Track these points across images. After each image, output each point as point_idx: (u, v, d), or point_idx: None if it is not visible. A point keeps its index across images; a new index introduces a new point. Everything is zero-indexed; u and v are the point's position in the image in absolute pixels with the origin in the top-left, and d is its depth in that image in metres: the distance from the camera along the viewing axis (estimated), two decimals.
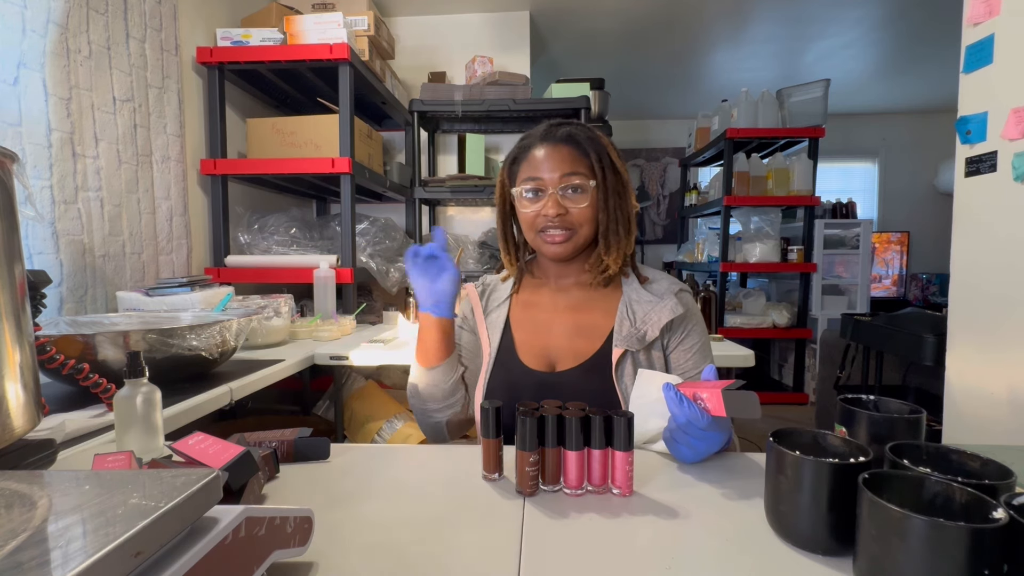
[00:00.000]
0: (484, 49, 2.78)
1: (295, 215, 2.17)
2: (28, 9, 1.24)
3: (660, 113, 4.95)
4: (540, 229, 0.86)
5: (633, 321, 0.85)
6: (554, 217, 0.83)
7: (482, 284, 0.99)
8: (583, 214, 0.85)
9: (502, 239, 0.96)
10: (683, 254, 4.12)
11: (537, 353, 0.88)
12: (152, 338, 0.94)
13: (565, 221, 0.84)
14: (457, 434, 0.98)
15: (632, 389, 0.79)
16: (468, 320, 0.99)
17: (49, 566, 0.27)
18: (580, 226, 0.85)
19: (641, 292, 0.88)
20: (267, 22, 1.99)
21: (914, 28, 3.16)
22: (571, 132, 0.86)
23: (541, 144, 0.86)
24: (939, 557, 0.38)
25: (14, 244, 0.55)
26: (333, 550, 0.51)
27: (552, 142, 0.86)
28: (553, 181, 0.84)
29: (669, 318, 0.84)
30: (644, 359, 0.85)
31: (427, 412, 0.93)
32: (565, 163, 0.84)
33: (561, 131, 0.86)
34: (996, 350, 1.28)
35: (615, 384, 0.82)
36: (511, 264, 0.96)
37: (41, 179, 1.28)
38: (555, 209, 0.83)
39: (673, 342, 0.87)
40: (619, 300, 0.88)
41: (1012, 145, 1.22)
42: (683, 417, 0.64)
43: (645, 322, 0.84)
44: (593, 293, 0.90)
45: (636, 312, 0.86)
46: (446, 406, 0.91)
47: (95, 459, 0.55)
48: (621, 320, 0.85)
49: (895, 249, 4.91)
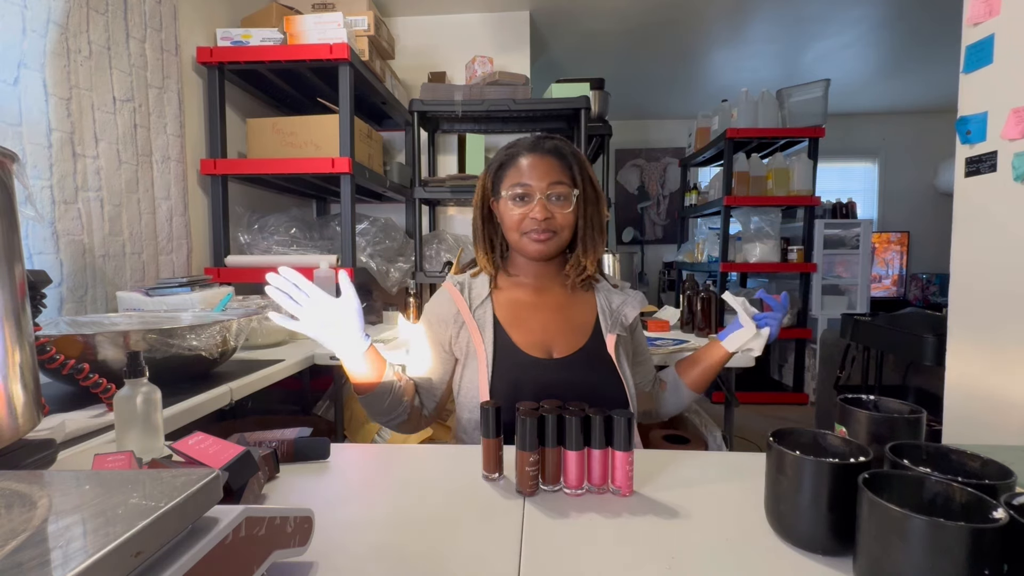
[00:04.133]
0: (484, 49, 2.78)
1: (295, 215, 2.17)
2: (28, 9, 1.24)
3: (660, 113, 4.95)
4: (525, 231, 0.94)
5: (611, 310, 0.98)
6: (541, 220, 0.92)
7: (457, 282, 0.99)
8: (566, 219, 0.94)
9: (481, 239, 1.01)
10: (683, 254, 4.12)
11: (535, 343, 0.93)
12: (152, 338, 0.94)
13: (550, 224, 0.93)
14: (419, 428, 0.98)
15: (627, 369, 0.95)
16: (449, 319, 0.96)
17: (49, 566, 0.27)
18: (562, 229, 0.94)
19: (610, 289, 1.03)
20: (267, 22, 1.99)
21: (914, 28, 3.16)
22: (557, 145, 0.96)
23: (529, 154, 0.95)
24: (939, 557, 0.38)
25: (14, 244, 0.55)
26: (333, 550, 0.51)
27: (540, 152, 0.95)
28: (541, 188, 0.92)
29: (641, 307, 1.00)
30: (624, 343, 0.99)
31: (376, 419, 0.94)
32: (552, 172, 0.93)
33: (548, 144, 0.96)
34: (996, 350, 1.28)
35: (616, 368, 0.92)
36: (488, 262, 1.00)
37: (41, 179, 1.28)
38: (543, 213, 0.92)
39: (636, 328, 1.08)
40: (595, 298, 1.01)
41: (1012, 145, 1.22)
42: (783, 310, 1.02)
43: (620, 311, 0.98)
44: (572, 293, 1.00)
45: (612, 303, 0.99)
46: (384, 419, 0.92)
47: (95, 459, 0.55)
48: (603, 311, 0.98)
49: (895, 249, 4.90)
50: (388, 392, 0.88)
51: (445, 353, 0.96)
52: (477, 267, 1.03)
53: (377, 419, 0.92)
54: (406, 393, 0.92)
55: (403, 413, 0.91)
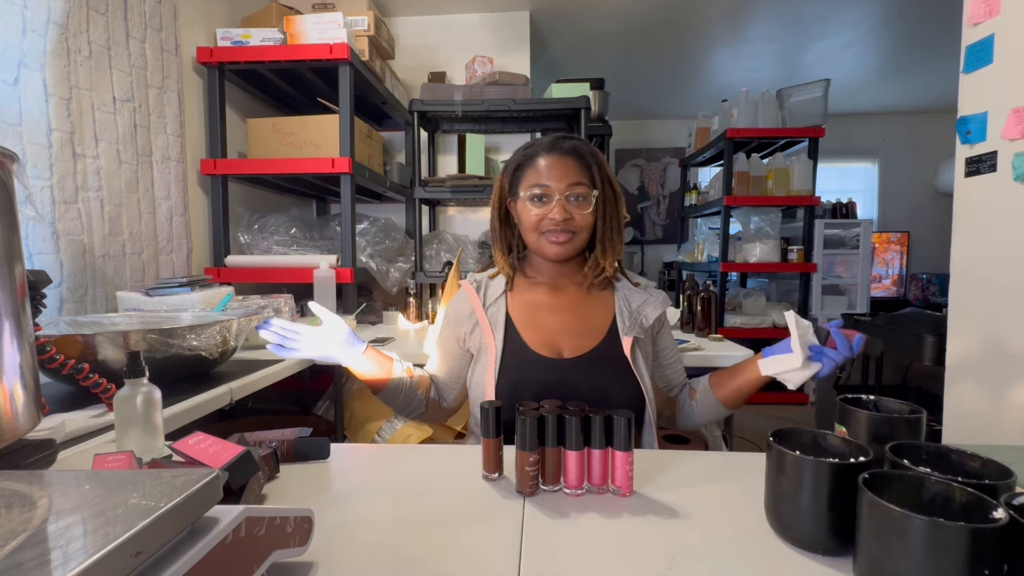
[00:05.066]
0: (484, 49, 2.78)
1: (295, 215, 2.17)
2: (28, 9, 1.24)
3: (660, 113, 4.95)
4: (543, 231, 0.92)
5: (631, 311, 0.95)
6: (560, 221, 0.90)
7: (474, 281, 1.01)
8: (585, 220, 0.93)
9: (499, 240, 1.01)
10: (683, 254, 4.12)
11: (545, 343, 0.93)
12: (152, 338, 0.94)
13: (569, 225, 0.91)
14: (441, 418, 1.08)
15: (644, 372, 0.93)
16: (465, 316, 0.99)
17: (49, 566, 0.27)
18: (581, 230, 0.93)
19: (631, 288, 0.99)
20: (267, 22, 1.99)
21: (914, 28, 3.16)
22: (576, 146, 0.95)
23: (548, 154, 0.94)
24: (939, 557, 0.38)
25: (14, 244, 0.55)
26: (333, 550, 0.51)
27: (559, 153, 0.93)
28: (560, 189, 0.91)
29: (663, 308, 0.97)
30: (643, 345, 0.96)
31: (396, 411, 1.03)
32: (571, 173, 0.92)
33: (567, 144, 0.95)
34: (996, 350, 1.28)
35: (633, 371, 0.91)
36: (506, 263, 1.00)
37: (41, 179, 1.28)
38: (562, 214, 0.90)
39: (660, 329, 1.02)
40: (613, 298, 0.98)
41: (1012, 145, 1.22)
42: (848, 352, 0.83)
43: (641, 312, 0.95)
44: (589, 294, 0.98)
45: (631, 303, 0.96)
46: (406, 413, 1.01)
47: (95, 459, 0.55)
48: (621, 312, 0.95)
49: (895, 249, 4.91)
50: (400, 388, 0.96)
51: (460, 349, 1.00)
52: (495, 268, 1.02)
53: (400, 413, 1.01)
54: (419, 387, 0.99)
55: (420, 406, 0.99)
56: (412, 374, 0.98)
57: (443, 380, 1.02)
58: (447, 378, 1.02)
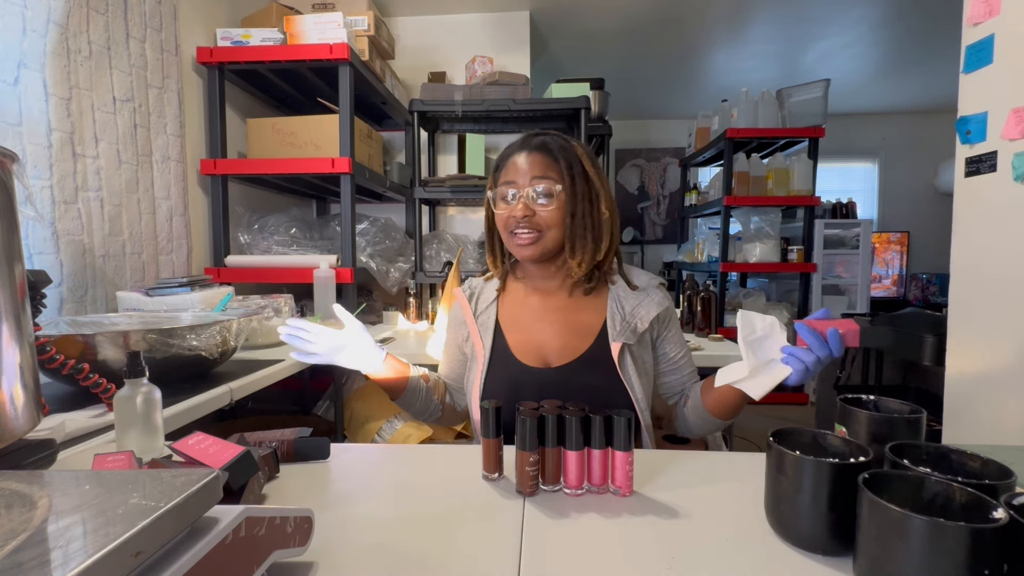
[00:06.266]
0: (484, 49, 2.78)
1: (295, 215, 2.17)
2: (28, 9, 1.24)
3: (660, 113, 4.94)
4: (511, 230, 0.90)
5: (624, 315, 0.90)
6: (522, 218, 0.87)
7: (468, 287, 1.02)
8: (551, 216, 0.88)
9: (489, 243, 1.00)
10: (683, 254, 4.11)
11: (531, 351, 0.91)
12: (152, 338, 0.94)
13: (533, 223, 0.88)
14: (456, 422, 1.08)
15: (634, 378, 0.87)
16: (460, 324, 1.02)
17: (49, 566, 0.27)
18: (548, 228, 0.88)
19: (627, 289, 0.94)
20: (267, 22, 1.99)
21: (914, 28, 3.16)
22: (544, 140, 0.91)
23: (519, 151, 0.91)
24: (939, 557, 0.38)
25: (14, 244, 0.55)
26: (333, 550, 0.51)
27: (527, 149, 0.90)
28: (523, 184, 0.88)
29: (657, 311, 0.90)
30: (637, 351, 0.90)
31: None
32: (535, 168, 0.88)
33: (536, 140, 0.92)
34: (996, 350, 1.27)
35: (620, 378, 0.87)
36: (495, 266, 1.00)
37: (41, 179, 1.28)
38: (523, 211, 0.87)
39: (662, 333, 0.94)
40: (607, 299, 0.93)
41: (1012, 145, 1.22)
42: (824, 351, 0.69)
43: (635, 315, 0.90)
44: (580, 295, 0.95)
45: (625, 307, 0.91)
46: (424, 418, 1.01)
47: (95, 459, 0.55)
48: (612, 316, 0.90)
49: (895, 249, 4.90)
50: (417, 393, 0.96)
51: (461, 355, 1.01)
52: (491, 271, 1.03)
53: (418, 418, 1.01)
54: (436, 392, 1.00)
55: (436, 410, 1.00)
56: (428, 379, 0.99)
57: (453, 384, 1.04)
58: (456, 383, 1.03)
